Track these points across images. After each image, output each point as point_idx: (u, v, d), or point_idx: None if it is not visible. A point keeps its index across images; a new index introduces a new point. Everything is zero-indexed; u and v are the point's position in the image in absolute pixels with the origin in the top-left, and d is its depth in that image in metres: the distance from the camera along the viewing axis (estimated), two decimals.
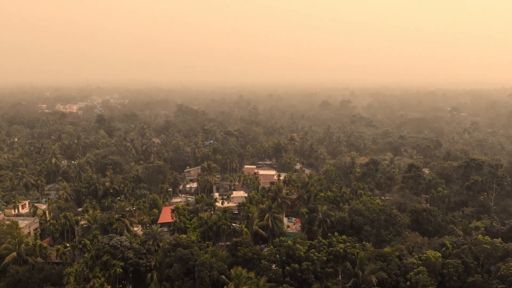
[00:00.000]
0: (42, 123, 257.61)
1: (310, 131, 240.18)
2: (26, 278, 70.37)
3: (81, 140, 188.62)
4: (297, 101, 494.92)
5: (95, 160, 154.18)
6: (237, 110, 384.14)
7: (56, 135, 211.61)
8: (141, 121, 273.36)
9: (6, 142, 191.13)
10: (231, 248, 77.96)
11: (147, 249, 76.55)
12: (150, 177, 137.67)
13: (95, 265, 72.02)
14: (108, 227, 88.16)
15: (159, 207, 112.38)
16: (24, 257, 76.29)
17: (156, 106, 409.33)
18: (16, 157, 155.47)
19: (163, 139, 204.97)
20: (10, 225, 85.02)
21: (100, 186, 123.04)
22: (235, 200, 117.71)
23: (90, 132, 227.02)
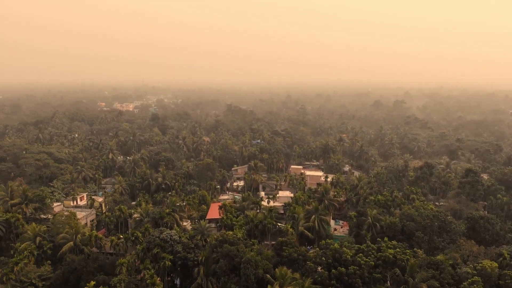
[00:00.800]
0: (101, 120, 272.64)
1: (361, 132, 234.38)
2: (81, 266, 74.63)
3: (136, 137, 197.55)
4: (348, 101, 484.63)
5: (149, 157, 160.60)
6: (284, 110, 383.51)
7: (114, 132, 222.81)
8: (193, 120, 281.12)
9: (67, 138, 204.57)
10: (276, 248, 78.00)
11: (195, 244, 78.47)
12: (200, 174, 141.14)
13: (146, 257, 75.00)
14: (159, 221, 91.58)
15: (207, 203, 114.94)
16: (80, 247, 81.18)
17: (207, 105, 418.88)
18: (76, 152, 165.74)
19: (213, 138, 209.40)
20: (69, 216, 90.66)
21: (153, 181, 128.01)
22: (281, 200, 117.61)
23: (145, 130, 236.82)
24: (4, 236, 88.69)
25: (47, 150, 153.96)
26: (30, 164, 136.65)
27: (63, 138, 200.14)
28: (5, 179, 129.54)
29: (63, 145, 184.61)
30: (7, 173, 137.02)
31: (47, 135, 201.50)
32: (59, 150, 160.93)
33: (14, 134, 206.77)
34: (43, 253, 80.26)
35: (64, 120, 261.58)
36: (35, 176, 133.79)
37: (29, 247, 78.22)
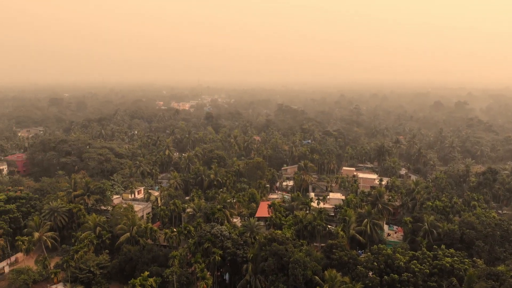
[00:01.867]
0: (159, 118, 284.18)
1: (419, 134, 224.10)
2: (136, 257, 78.17)
3: (191, 135, 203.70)
4: (405, 101, 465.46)
5: (203, 154, 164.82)
6: (337, 109, 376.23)
7: (170, 130, 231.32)
8: (244, 119, 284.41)
9: (127, 134, 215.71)
10: (326, 250, 76.73)
11: (244, 241, 79.28)
12: (250, 172, 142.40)
13: (197, 251, 76.99)
14: (211, 216, 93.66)
15: (257, 201, 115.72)
16: (136, 238, 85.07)
17: (259, 105, 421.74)
18: (135, 148, 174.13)
19: (263, 137, 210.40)
20: (127, 208, 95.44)
21: (205, 178, 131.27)
22: (331, 202, 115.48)
23: (199, 128, 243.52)
24: (67, 225, 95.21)
25: (109, 146, 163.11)
26: (93, 158, 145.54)
27: (123, 135, 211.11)
28: (70, 171, 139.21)
29: (124, 141, 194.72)
30: (72, 166, 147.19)
31: (109, 131, 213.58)
32: (119, 146, 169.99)
33: (79, 130, 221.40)
34: (102, 242, 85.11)
35: (125, 118, 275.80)
36: (97, 169, 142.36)
37: (89, 236, 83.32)
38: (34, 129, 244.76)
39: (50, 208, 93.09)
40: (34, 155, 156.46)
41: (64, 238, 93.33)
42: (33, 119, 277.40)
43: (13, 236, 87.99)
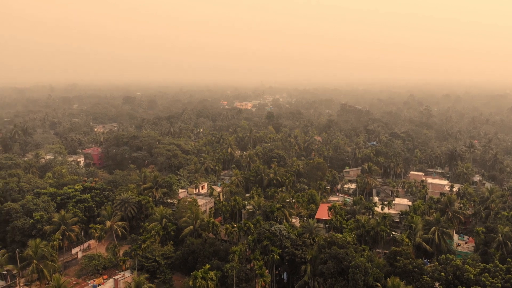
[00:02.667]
0: (223, 117, 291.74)
1: (495, 139, 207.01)
2: (199, 249, 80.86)
3: (252, 134, 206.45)
4: (481, 103, 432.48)
5: (263, 153, 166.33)
6: (406, 110, 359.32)
7: (233, 128, 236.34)
8: (305, 119, 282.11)
9: (193, 132, 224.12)
10: (389, 257, 73.73)
11: (303, 242, 78.70)
12: (310, 173, 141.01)
13: (256, 248, 77.91)
14: (270, 215, 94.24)
15: (316, 203, 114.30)
16: (199, 231, 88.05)
17: (321, 105, 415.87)
18: (200, 145, 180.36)
19: (325, 138, 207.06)
20: (191, 202, 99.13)
21: (265, 176, 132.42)
22: (396, 207, 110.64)
23: (261, 127, 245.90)
24: (136, 216, 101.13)
25: (176, 142, 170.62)
26: (161, 154, 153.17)
27: (190, 132, 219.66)
28: (140, 165, 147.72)
29: (190, 138, 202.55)
30: (142, 160, 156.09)
31: (177, 128, 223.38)
32: (186, 143, 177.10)
33: (149, 127, 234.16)
34: (167, 234, 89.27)
35: (191, 116, 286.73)
36: (165, 164, 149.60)
37: (156, 227, 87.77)
38: (109, 125, 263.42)
39: (122, 199, 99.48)
40: (109, 149, 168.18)
41: (133, 228, 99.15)
42: (108, 115, 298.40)
43: (87, 224, 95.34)
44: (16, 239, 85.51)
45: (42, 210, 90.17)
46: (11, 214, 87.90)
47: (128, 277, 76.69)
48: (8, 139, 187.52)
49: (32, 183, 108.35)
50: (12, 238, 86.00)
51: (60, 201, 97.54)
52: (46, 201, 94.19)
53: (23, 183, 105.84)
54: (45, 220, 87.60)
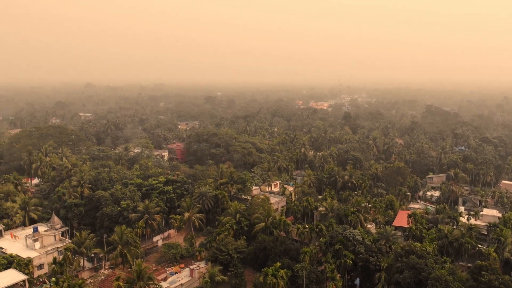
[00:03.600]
0: (297, 117, 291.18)
1: None
2: (270, 247, 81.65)
3: (327, 134, 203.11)
4: None
5: (338, 154, 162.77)
6: (499, 113, 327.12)
7: (307, 128, 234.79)
8: (386, 120, 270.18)
9: (268, 131, 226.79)
10: (473, 271, 67.78)
11: (378, 249, 75.65)
12: (389, 177, 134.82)
13: (328, 251, 76.62)
14: (343, 218, 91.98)
15: (395, 209, 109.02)
16: (271, 229, 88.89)
17: (403, 106, 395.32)
18: (274, 144, 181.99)
19: (407, 140, 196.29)
20: (264, 199, 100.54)
21: (339, 179, 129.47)
22: (484, 218, 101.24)
23: (336, 128, 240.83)
24: (212, 209, 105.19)
25: (252, 141, 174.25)
26: (237, 151, 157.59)
27: (264, 131, 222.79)
28: (218, 161, 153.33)
29: (264, 137, 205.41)
30: (220, 157, 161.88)
31: (252, 127, 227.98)
32: (260, 141, 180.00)
33: (227, 125, 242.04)
34: (240, 228, 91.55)
35: (267, 116, 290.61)
36: (240, 161, 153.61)
37: (230, 221, 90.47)
38: (191, 122, 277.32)
39: (200, 192, 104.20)
40: (190, 145, 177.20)
41: (209, 221, 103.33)
42: (191, 114, 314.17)
43: (168, 214, 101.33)
44: (104, 224, 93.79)
45: (129, 199, 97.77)
46: (101, 201, 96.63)
47: (203, 267, 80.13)
48: (102, 133, 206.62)
49: (121, 174, 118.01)
50: (101, 223, 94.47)
51: (145, 192, 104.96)
52: (133, 191, 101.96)
53: (113, 174, 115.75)
54: (131, 208, 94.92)
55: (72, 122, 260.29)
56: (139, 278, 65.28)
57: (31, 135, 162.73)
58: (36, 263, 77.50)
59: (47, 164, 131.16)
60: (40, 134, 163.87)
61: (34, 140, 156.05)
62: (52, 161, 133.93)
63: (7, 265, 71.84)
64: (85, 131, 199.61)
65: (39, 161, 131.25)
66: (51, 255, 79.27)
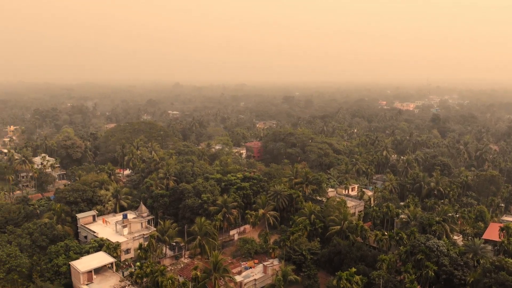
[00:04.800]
0: (380, 118, 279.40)
1: None
2: (345, 251, 79.51)
3: (413, 137, 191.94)
4: None
5: (424, 159, 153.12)
6: None
7: (390, 130, 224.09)
8: (479, 124, 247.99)
9: (347, 132, 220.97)
10: None
11: (465, 262, 69.75)
12: (480, 186, 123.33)
13: (408, 260, 72.55)
14: (427, 228, 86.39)
15: (485, 221, 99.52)
16: (346, 233, 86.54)
17: (500, 109, 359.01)
18: (353, 146, 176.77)
19: (502, 147, 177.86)
20: (340, 202, 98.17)
21: (424, 185, 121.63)
22: None
23: (423, 131, 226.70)
24: (286, 208, 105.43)
25: (329, 141, 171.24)
26: (313, 152, 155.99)
27: (343, 132, 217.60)
28: (293, 161, 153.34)
29: (343, 138, 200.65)
30: (295, 156, 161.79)
31: (330, 128, 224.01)
32: (338, 142, 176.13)
33: (304, 125, 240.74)
34: (314, 230, 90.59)
35: (346, 116, 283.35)
36: (316, 162, 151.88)
37: (304, 221, 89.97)
38: (269, 122, 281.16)
39: (275, 191, 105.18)
40: (267, 144, 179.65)
41: (283, 219, 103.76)
42: (269, 113, 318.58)
43: (244, 209, 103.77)
44: (186, 215, 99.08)
45: (209, 193, 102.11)
46: (184, 193, 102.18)
47: (276, 265, 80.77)
48: (187, 130, 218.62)
49: (203, 169, 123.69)
50: (183, 214, 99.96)
51: (223, 186, 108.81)
52: (213, 185, 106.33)
53: (196, 168, 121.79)
54: (210, 201, 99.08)
55: (161, 119, 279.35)
56: (216, 269, 67.95)
57: (125, 129, 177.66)
58: (124, 248, 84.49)
59: (138, 157, 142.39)
60: (133, 129, 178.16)
61: (127, 134, 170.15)
62: (142, 154, 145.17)
63: (98, 248, 79.27)
64: (173, 128, 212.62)
65: (131, 154, 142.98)
66: (137, 241, 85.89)
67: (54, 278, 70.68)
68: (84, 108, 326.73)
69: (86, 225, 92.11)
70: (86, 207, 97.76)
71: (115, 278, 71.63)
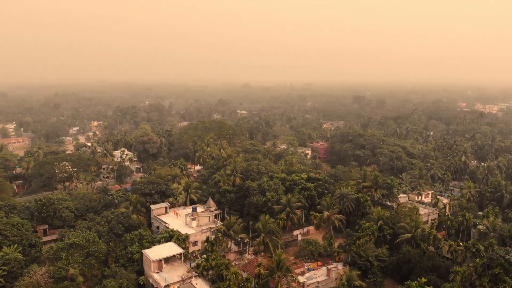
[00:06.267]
0: (459, 120, 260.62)
1: None
2: (415, 260, 75.39)
3: (495, 142, 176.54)
4: None
5: (507, 166, 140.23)
6: None
7: (470, 134, 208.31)
8: None
9: (422, 135, 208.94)
10: None
11: None
12: None
13: (484, 274, 67.00)
14: (507, 240, 79.09)
15: None
16: (417, 241, 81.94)
17: None
18: (428, 149, 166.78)
19: None
20: (411, 209, 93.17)
21: (507, 194, 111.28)
22: None
23: (507, 136, 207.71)
24: (353, 212, 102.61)
25: (402, 144, 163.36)
26: (384, 154, 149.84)
27: (418, 135, 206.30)
28: (362, 163, 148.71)
29: (417, 141, 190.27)
30: (364, 159, 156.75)
31: (403, 130, 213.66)
32: (412, 145, 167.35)
33: (375, 126, 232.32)
34: (382, 236, 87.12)
35: (421, 118, 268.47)
36: (387, 165, 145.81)
37: (371, 227, 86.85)
38: (336, 122, 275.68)
39: (341, 193, 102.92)
40: (334, 145, 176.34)
41: (349, 223, 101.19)
42: (337, 113, 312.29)
43: (308, 210, 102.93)
44: (251, 212, 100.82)
45: (273, 191, 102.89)
46: (250, 190, 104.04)
47: (340, 269, 79.05)
48: (254, 129, 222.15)
49: (268, 167, 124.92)
50: (248, 211, 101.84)
51: (288, 186, 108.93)
52: (277, 184, 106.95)
53: (261, 166, 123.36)
54: (274, 200, 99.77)
55: (230, 118, 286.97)
56: (279, 267, 68.27)
57: (197, 127, 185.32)
58: (192, 240, 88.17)
59: (208, 154, 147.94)
60: (204, 127, 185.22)
61: (198, 132, 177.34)
62: (212, 151, 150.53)
63: (168, 238, 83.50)
64: (240, 127, 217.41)
65: (202, 151, 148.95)
66: (205, 234, 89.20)
67: (127, 265, 75.71)
68: (160, 106, 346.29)
69: (158, 216, 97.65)
70: (159, 199, 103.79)
71: (183, 268, 75.04)
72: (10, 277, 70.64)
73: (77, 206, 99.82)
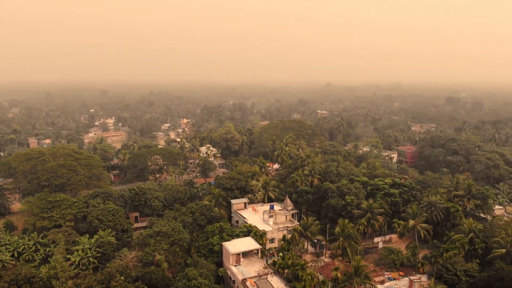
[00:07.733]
0: None
1: None
2: (509, 278, 67.67)
3: None
4: None
5: None
6: None
7: None
8: None
9: None
10: None
11: None
12: None
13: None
14: None
15: None
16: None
17: None
18: None
19: None
20: (508, 222, 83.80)
21: None
22: None
23: None
24: (441, 222, 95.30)
25: (500, 151, 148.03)
26: (480, 162, 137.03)
27: None
28: (454, 170, 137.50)
29: None
30: (457, 165, 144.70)
31: (503, 135, 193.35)
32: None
33: (470, 130, 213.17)
34: (473, 250, 79.80)
35: None
36: (482, 174, 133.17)
37: (461, 239, 79.99)
38: (426, 125, 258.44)
39: (429, 202, 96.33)
40: (423, 149, 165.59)
41: (436, 234, 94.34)
42: (427, 115, 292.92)
43: (391, 217, 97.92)
44: (329, 215, 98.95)
45: (353, 195, 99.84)
46: (328, 192, 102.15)
47: (424, 281, 74.11)
48: (334, 130, 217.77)
49: (348, 170, 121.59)
50: (325, 213, 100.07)
51: (369, 191, 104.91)
52: (358, 188, 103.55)
53: (341, 169, 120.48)
54: (354, 204, 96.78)
55: (310, 118, 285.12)
56: (357, 274, 66.26)
57: (276, 127, 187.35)
58: (269, 237, 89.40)
59: (286, 153, 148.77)
60: (283, 126, 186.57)
61: (278, 131, 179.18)
62: (290, 150, 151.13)
63: (246, 233, 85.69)
64: (320, 127, 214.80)
65: (280, 150, 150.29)
66: (281, 232, 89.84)
67: (208, 255, 79.34)
68: (243, 106, 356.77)
69: (238, 211, 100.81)
70: (239, 195, 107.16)
71: (259, 264, 76.52)
72: (104, 258, 78.20)
73: (165, 196, 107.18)
